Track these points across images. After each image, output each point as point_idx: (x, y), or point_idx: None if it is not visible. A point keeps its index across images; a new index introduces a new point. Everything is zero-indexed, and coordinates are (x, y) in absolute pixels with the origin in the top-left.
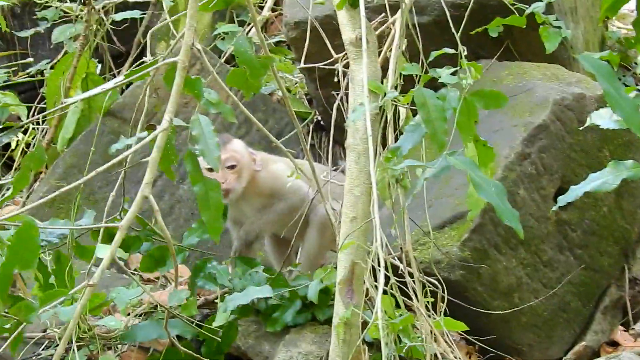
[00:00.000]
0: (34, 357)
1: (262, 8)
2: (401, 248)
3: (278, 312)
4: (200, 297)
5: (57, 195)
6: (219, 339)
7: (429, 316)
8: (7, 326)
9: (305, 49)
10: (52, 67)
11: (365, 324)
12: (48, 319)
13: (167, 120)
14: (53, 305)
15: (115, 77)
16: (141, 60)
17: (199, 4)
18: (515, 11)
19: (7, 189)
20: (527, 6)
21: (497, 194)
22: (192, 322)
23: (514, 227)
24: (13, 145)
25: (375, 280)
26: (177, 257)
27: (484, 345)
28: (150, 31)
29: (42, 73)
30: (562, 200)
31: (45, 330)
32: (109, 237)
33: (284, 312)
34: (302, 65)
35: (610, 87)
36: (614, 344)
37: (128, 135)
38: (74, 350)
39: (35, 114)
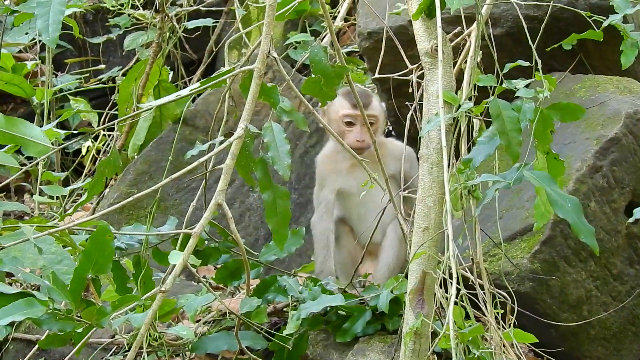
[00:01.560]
0: None
1: (334, 18)
2: (472, 259)
3: (348, 322)
4: (269, 306)
5: (128, 201)
6: (290, 348)
7: (499, 328)
8: (80, 330)
9: (380, 60)
10: (123, 74)
11: (434, 334)
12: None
13: (242, 127)
14: (124, 311)
15: (187, 84)
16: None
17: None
18: (592, 23)
19: (78, 195)
20: (604, 18)
21: (573, 209)
22: (262, 329)
23: (590, 244)
24: (83, 152)
25: (446, 291)
26: (252, 271)
27: (552, 358)
28: (227, 41)
29: (113, 80)
30: (638, 212)
31: (113, 336)
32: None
33: (354, 323)
34: (376, 75)
35: None
36: None
37: (199, 143)
38: (143, 357)
39: (107, 120)
